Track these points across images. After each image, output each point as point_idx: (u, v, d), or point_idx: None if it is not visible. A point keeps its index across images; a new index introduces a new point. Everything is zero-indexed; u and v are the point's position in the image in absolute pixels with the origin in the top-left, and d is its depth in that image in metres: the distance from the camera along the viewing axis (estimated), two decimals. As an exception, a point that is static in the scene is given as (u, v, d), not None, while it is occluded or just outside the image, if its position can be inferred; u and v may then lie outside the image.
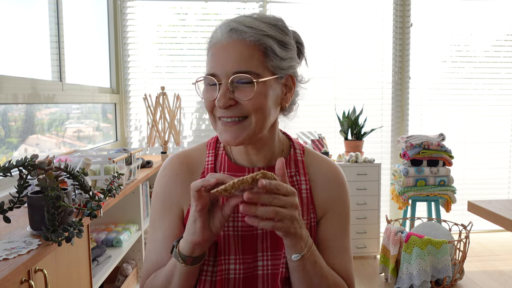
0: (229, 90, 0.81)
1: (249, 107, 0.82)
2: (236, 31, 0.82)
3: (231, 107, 0.82)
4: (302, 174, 0.94)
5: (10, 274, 0.99)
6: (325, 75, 3.70)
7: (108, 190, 1.41)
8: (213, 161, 0.94)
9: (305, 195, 0.92)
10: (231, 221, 0.89)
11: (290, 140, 0.99)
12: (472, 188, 3.93)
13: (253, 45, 0.82)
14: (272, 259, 0.89)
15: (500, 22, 3.87)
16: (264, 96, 0.83)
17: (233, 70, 0.81)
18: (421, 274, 2.66)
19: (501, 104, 3.92)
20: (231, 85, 0.81)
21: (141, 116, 3.57)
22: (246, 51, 0.82)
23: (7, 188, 1.80)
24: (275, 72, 0.85)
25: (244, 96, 0.81)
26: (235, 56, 0.81)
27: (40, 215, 1.21)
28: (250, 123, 0.84)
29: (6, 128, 2.03)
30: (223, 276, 0.86)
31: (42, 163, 1.19)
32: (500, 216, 1.46)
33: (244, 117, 0.83)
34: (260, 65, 0.82)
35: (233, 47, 0.82)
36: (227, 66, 0.81)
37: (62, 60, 2.48)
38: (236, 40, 0.82)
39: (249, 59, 0.82)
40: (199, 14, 3.58)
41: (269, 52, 0.83)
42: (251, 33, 0.82)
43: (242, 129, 0.84)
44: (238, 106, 0.82)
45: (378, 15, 3.73)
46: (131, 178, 2.24)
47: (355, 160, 3.31)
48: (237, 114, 0.83)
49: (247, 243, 0.89)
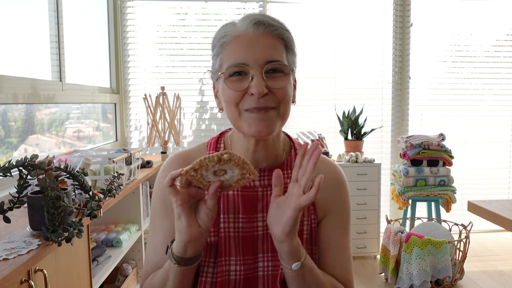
0: (263, 79, 0.82)
1: (281, 96, 0.83)
2: (263, 24, 0.84)
3: (265, 96, 0.82)
4: None
5: (10, 274, 0.99)
6: (325, 75, 3.70)
7: (108, 190, 1.41)
8: None
9: None
10: (232, 222, 0.89)
11: (291, 141, 0.99)
12: (472, 188, 3.93)
13: (278, 38, 0.85)
14: (273, 260, 0.89)
15: (500, 22, 3.87)
16: (290, 86, 0.86)
17: (266, 59, 0.82)
18: (421, 274, 2.66)
19: (501, 104, 3.92)
20: (265, 74, 0.82)
21: (141, 116, 3.57)
22: (275, 42, 0.84)
23: (7, 188, 1.80)
24: (291, 67, 0.87)
25: (278, 85, 0.83)
26: (266, 46, 0.83)
27: (40, 215, 1.21)
28: (278, 114, 0.84)
29: (6, 128, 2.03)
30: (224, 277, 0.86)
31: (42, 163, 1.19)
32: (500, 216, 1.46)
33: (272, 108, 0.83)
34: (285, 58, 0.85)
35: (262, 38, 0.83)
36: (259, 55, 0.82)
37: (62, 60, 2.48)
38: (264, 32, 0.84)
39: (278, 50, 0.84)
40: (199, 14, 3.58)
41: (289, 48, 0.87)
42: (277, 26, 0.85)
43: (272, 119, 0.84)
44: (270, 96, 0.83)
45: (378, 15, 3.73)
46: (131, 178, 2.24)
47: (355, 160, 3.31)
48: (269, 104, 0.83)
49: (248, 244, 0.88)
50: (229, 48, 0.84)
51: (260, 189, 0.91)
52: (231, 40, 0.84)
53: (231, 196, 0.90)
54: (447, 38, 3.83)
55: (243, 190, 0.90)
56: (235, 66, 0.82)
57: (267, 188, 0.91)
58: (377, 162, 3.34)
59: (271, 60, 0.82)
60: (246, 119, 0.84)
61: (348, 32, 3.71)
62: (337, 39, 3.71)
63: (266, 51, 0.82)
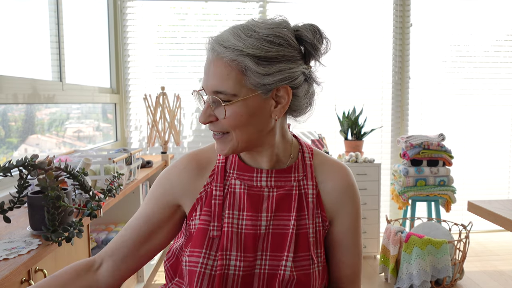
0: (210, 107, 0.86)
1: (227, 124, 0.86)
2: (215, 51, 0.84)
3: (211, 122, 0.87)
4: (310, 178, 0.95)
5: (10, 274, 0.99)
6: (325, 75, 3.69)
7: (108, 190, 1.41)
8: (224, 160, 0.97)
9: (311, 200, 0.94)
10: (236, 219, 0.91)
11: (299, 144, 1.01)
12: (472, 188, 3.93)
13: (229, 64, 0.83)
14: (271, 260, 0.89)
15: (500, 22, 3.87)
16: (240, 115, 0.84)
17: (212, 89, 0.85)
18: (421, 274, 2.66)
19: (501, 104, 3.92)
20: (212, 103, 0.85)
21: (141, 116, 3.57)
22: (224, 70, 0.83)
23: (7, 188, 1.80)
24: (256, 89, 0.84)
25: (221, 114, 0.85)
26: (214, 75, 0.84)
27: (40, 215, 1.21)
28: (232, 138, 0.87)
29: (6, 128, 2.03)
30: (223, 271, 0.87)
31: (42, 163, 1.19)
32: (500, 216, 1.46)
33: (227, 132, 0.88)
34: (237, 85, 0.83)
35: (214, 65, 0.85)
36: (208, 83, 0.86)
37: (62, 60, 2.48)
38: (216, 59, 0.84)
39: (226, 79, 0.83)
40: (199, 14, 3.58)
41: (247, 71, 0.83)
42: (228, 53, 0.83)
43: (225, 143, 0.89)
44: (218, 123, 0.87)
45: (378, 15, 3.73)
46: (131, 178, 2.24)
47: (355, 160, 3.31)
48: (218, 129, 0.88)
49: (249, 242, 0.90)
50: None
51: (266, 189, 0.93)
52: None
53: (238, 193, 0.93)
54: (447, 38, 3.83)
55: (249, 189, 0.93)
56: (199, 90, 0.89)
57: (273, 189, 0.94)
58: (377, 162, 3.34)
59: (216, 91, 0.84)
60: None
61: (348, 32, 3.71)
62: (337, 39, 3.71)
63: (212, 81, 0.84)
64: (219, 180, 0.94)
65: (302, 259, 0.90)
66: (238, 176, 0.94)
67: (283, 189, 0.94)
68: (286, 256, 0.88)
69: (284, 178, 0.94)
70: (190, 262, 0.90)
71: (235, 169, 0.95)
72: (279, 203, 0.93)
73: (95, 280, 0.94)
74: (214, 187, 0.94)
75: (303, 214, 0.93)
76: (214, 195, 0.93)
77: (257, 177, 0.94)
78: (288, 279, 0.87)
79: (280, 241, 0.90)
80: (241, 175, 0.94)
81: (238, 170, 0.95)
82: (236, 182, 0.94)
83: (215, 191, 0.93)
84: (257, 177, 0.94)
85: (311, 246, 0.91)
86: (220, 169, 0.95)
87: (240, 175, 0.94)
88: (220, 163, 0.96)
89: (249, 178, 0.94)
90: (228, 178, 0.95)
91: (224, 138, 0.88)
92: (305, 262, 0.90)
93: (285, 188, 0.94)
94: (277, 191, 0.93)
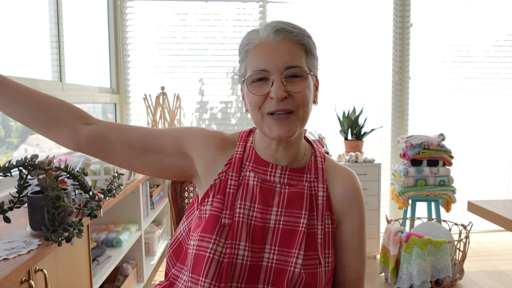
0: (283, 83, 0.88)
1: (300, 100, 0.90)
2: (283, 31, 0.90)
3: (284, 99, 0.89)
4: (321, 181, 0.99)
5: (10, 274, 0.99)
6: (325, 75, 3.70)
7: (108, 190, 1.41)
8: (242, 152, 1.00)
9: (321, 202, 0.97)
10: (247, 210, 0.94)
11: (312, 147, 1.05)
12: (472, 188, 3.93)
13: (298, 43, 0.90)
14: (279, 254, 0.91)
15: (500, 22, 3.87)
16: (309, 90, 0.92)
17: (285, 65, 0.88)
18: (421, 274, 2.66)
19: (501, 104, 3.92)
20: (284, 79, 0.88)
21: (141, 116, 3.57)
22: (294, 48, 0.90)
23: (7, 188, 1.80)
24: (312, 71, 0.93)
25: (296, 89, 0.89)
26: (285, 53, 0.89)
27: (40, 215, 1.21)
28: (297, 117, 0.91)
29: (6, 128, 2.03)
30: (231, 260, 0.89)
31: (42, 163, 1.19)
32: (500, 216, 1.46)
33: (291, 111, 0.90)
34: (304, 63, 0.91)
35: (282, 45, 0.89)
36: (279, 61, 0.88)
37: (62, 60, 2.48)
38: (284, 39, 0.90)
39: (297, 56, 0.90)
40: (199, 14, 3.58)
41: (309, 52, 0.92)
42: (297, 33, 0.90)
43: (292, 123, 0.91)
44: (290, 99, 0.89)
45: (378, 15, 3.73)
46: (131, 178, 2.24)
47: (355, 160, 3.31)
48: (288, 107, 0.89)
49: (258, 233, 0.92)
50: (252, 55, 0.92)
51: (278, 185, 0.96)
52: (254, 47, 0.91)
53: (251, 185, 0.96)
54: (447, 38, 3.83)
55: (262, 183, 0.96)
56: (257, 73, 0.90)
57: (285, 185, 0.96)
58: (377, 162, 3.34)
59: (290, 66, 0.88)
60: (267, 123, 0.91)
61: (348, 32, 3.71)
62: (337, 39, 3.71)
63: (285, 57, 0.88)
64: (235, 170, 0.97)
65: (310, 258, 0.92)
66: (253, 169, 0.97)
67: (294, 188, 0.96)
68: (297, 253, 0.90)
69: (297, 177, 0.97)
70: (199, 247, 0.91)
71: (251, 162, 0.98)
72: (290, 200, 0.95)
73: (75, 128, 0.96)
74: (230, 176, 0.96)
75: (313, 214, 0.95)
76: (229, 184, 0.96)
77: (271, 172, 0.97)
78: (297, 276, 0.89)
79: (289, 237, 0.92)
80: (256, 168, 0.97)
81: (254, 163, 0.98)
82: (250, 174, 0.97)
83: (230, 180, 0.96)
84: (271, 172, 0.97)
85: (318, 246, 0.93)
86: (237, 160, 0.98)
87: (255, 168, 0.97)
88: (238, 154, 0.99)
89: (263, 172, 0.97)
90: (244, 169, 0.98)
91: (291, 119, 0.90)
92: (312, 261, 0.92)
93: (297, 187, 0.96)
94: (289, 188, 0.96)
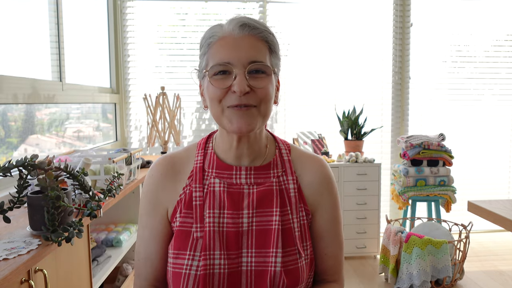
0: (246, 78, 0.86)
1: (262, 95, 0.88)
2: (248, 26, 0.88)
3: (246, 94, 0.86)
4: (289, 173, 0.97)
5: (10, 274, 0.99)
6: (325, 75, 3.70)
7: (108, 190, 1.40)
8: (202, 160, 0.97)
9: (293, 195, 0.95)
10: (217, 217, 0.91)
11: (274, 139, 1.02)
12: (472, 188, 3.93)
13: (262, 40, 0.89)
14: (257, 256, 0.90)
15: (500, 22, 3.87)
16: (272, 87, 0.90)
17: (248, 60, 0.86)
18: (421, 274, 2.66)
19: (501, 104, 3.92)
20: (248, 74, 0.87)
21: (141, 116, 3.57)
22: (258, 44, 0.88)
23: (7, 188, 1.79)
24: (274, 69, 0.91)
25: (259, 84, 0.87)
26: (249, 47, 0.87)
27: (40, 215, 1.21)
28: (259, 111, 0.89)
29: (6, 128, 2.03)
30: (208, 271, 0.88)
31: (42, 163, 1.19)
32: (500, 216, 1.46)
33: (253, 106, 0.88)
34: (268, 60, 0.90)
35: (246, 40, 0.88)
36: (243, 55, 0.86)
37: (62, 60, 2.48)
38: (248, 34, 0.88)
39: (261, 52, 0.88)
40: (199, 14, 3.58)
41: (273, 50, 0.91)
42: (261, 29, 0.89)
43: (253, 117, 0.88)
44: (252, 94, 0.87)
45: (378, 15, 3.73)
46: (131, 178, 2.24)
47: (355, 160, 3.31)
48: (250, 102, 0.87)
49: (232, 239, 0.90)
50: (215, 48, 0.89)
51: (246, 186, 0.94)
52: (217, 40, 0.89)
53: (218, 192, 0.93)
54: (447, 38, 3.83)
55: (229, 187, 0.94)
56: (220, 65, 0.87)
57: (253, 185, 0.94)
58: (377, 162, 3.34)
59: (254, 61, 0.87)
60: (227, 116, 0.88)
61: (348, 32, 3.71)
62: (337, 39, 3.71)
63: (249, 52, 0.87)
64: (198, 181, 0.95)
65: (289, 254, 0.90)
66: (217, 175, 0.95)
67: (263, 186, 0.94)
68: (275, 252, 0.89)
69: (263, 175, 0.95)
70: (175, 264, 0.91)
71: (214, 168, 0.96)
72: (260, 200, 0.93)
73: None
74: (194, 188, 0.94)
75: (286, 209, 0.94)
76: (194, 197, 0.93)
77: (236, 175, 0.94)
78: (279, 275, 0.88)
79: (264, 237, 0.91)
80: (220, 173, 0.95)
81: (217, 169, 0.96)
82: (215, 181, 0.94)
83: (195, 192, 0.94)
84: (236, 174, 0.94)
85: (296, 240, 0.92)
86: (198, 170, 0.96)
87: (219, 174, 0.95)
88: (198, 163, 0.97)
89: (228, 176, 0.95)
90: (207, 177, 0.95)
91: (251, 113, 0.88)
92: (292, 256, 0.91)
93: (265, 184, 0.94)
94: (257, 188, 0.94)
